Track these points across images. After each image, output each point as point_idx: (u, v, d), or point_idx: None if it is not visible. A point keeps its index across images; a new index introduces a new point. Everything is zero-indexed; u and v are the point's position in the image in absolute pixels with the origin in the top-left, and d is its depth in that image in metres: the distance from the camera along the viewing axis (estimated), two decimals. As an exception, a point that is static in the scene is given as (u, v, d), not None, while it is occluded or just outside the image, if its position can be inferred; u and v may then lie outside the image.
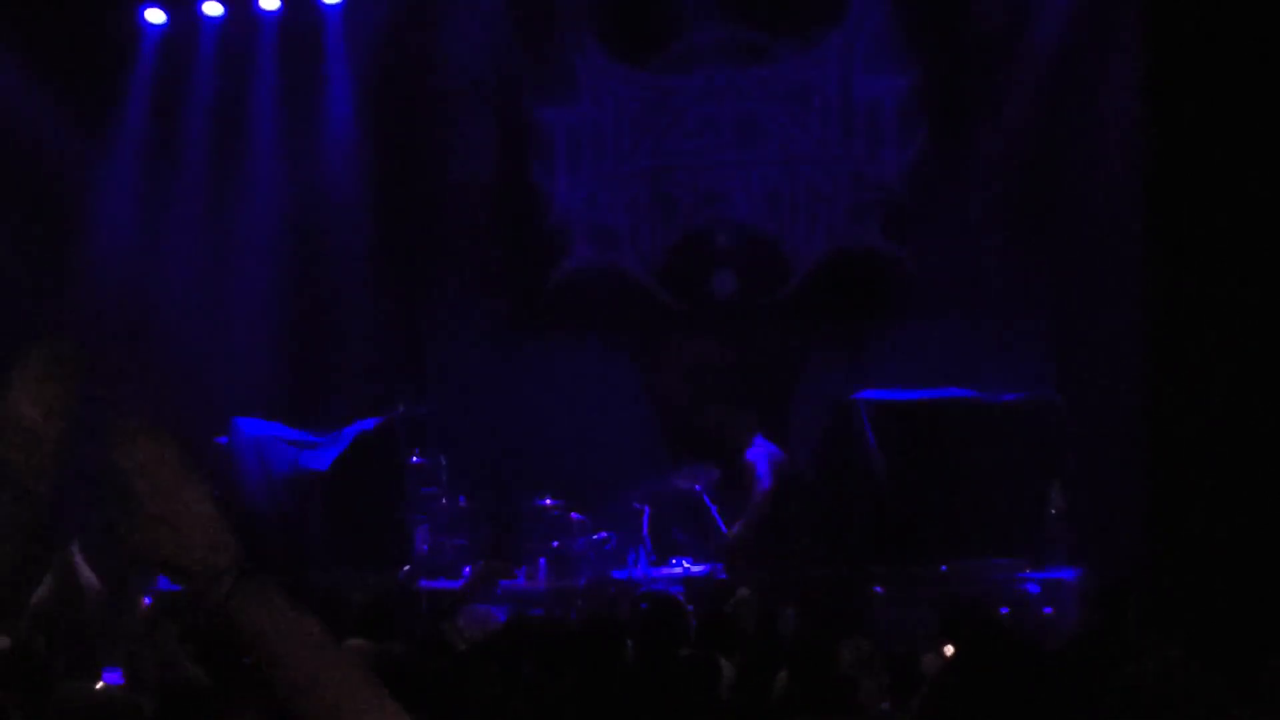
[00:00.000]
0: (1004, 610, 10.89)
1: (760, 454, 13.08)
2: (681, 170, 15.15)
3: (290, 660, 2.08)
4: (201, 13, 15.17)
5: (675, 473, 13.57)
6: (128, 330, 14.56)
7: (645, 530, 13.29)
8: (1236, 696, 5.15)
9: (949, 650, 6.83)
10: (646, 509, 13.35)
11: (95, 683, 5.70)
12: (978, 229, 13.87)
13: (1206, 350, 11.55)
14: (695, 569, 13.12)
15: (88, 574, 7.44)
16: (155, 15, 15.11)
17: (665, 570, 13.16)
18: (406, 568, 13.35)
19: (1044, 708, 5.47)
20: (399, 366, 15.00)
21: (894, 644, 8.65)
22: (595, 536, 13.17)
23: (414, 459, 13.84)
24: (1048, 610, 11.37)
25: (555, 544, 13.13)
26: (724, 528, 13.14)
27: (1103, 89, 13.21)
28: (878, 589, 11.77)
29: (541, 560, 13.07)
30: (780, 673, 6.73)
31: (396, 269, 15.41)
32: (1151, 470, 12.08)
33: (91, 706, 4.86)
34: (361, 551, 13.49)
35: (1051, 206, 13.63)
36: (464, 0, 15.05)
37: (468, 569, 13.20)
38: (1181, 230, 11.80)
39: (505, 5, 15.07)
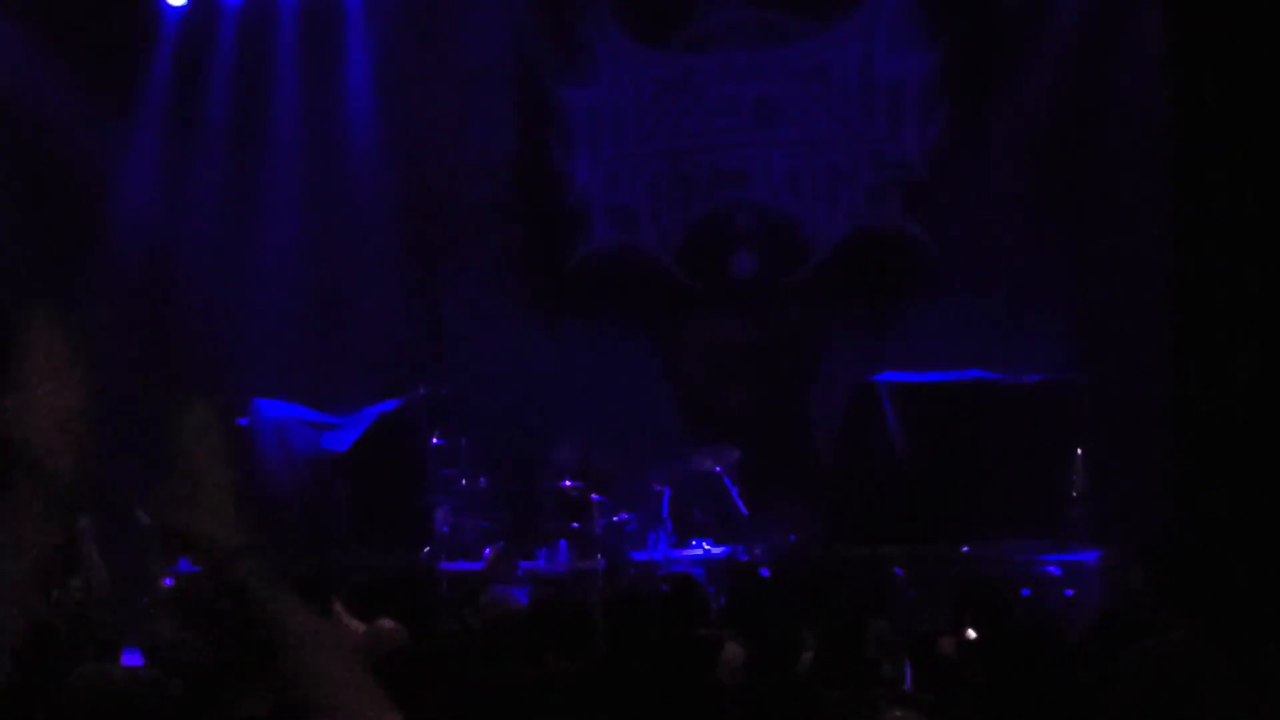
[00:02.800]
0: (1025, 592, 10.88)
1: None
2: (701, 150, 15.11)
3: (297, 642, 2.11)
4: (221, -7, 15.19)
5: (695, 453, 13.57)
6: (148, 312, 14.60)
7: (665, 511, 13.30)
8: (1244, 677, 5.13)
9: (971, 634, 6.81)
10: (667, 490, 13.35)
11: (115, 664, 5.71)
12: (999, 209, 13.82)
13: (1229, 330, 11.47)
14: (715, 550, 13.11)
15: (97, 557, 7.45)
16: (175, -3, 15.12)
17: (685, 551, 13.16)
18: (427, 549, 13.38)
19: (1060, 690, 5.45)
20: (419, 348, 15.01)
21: (915, 626, 8.65)
22: (616, 518, 13.16)
23: (434, 440, 13.87)
24: (1069, 592, 11.35)
25: (575, 525, 13.14)
26: (744, 509, 13.15)
27: (1125, 66, 13.12)
28: (898, 571, 11.75)
29: (562, 542, 13.08)
30: (804, 654, 6.72)
31: (416, 250, 15.41)
32: (1173, 452, 12.02)
33: (119, 688, 4.86)
34: (382, 532, 13.53)
35: (1073, 185, 13.56)
36: (483, -20, 15.05)
37: (488, 550, 13.22)
38: (1205, 208, 11.71)
39: (524, -15, 15.07)
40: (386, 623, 6.64)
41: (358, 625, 7.57)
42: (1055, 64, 13.58)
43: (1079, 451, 12.40)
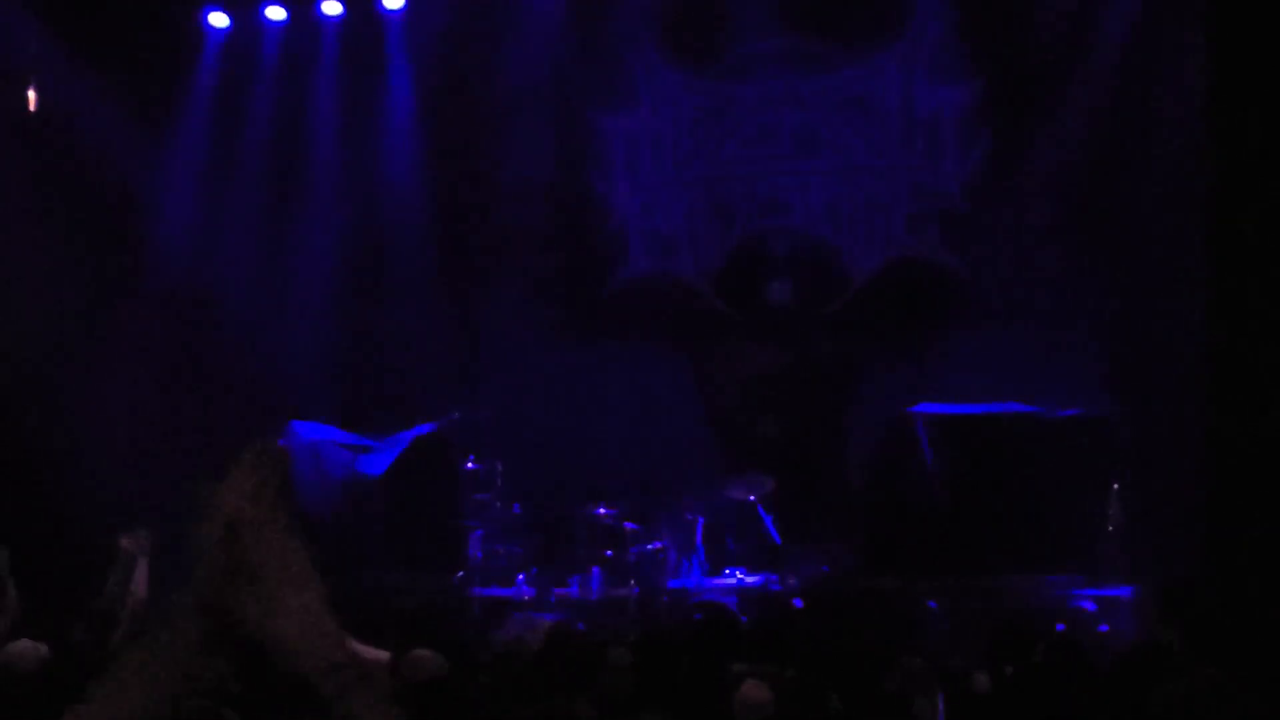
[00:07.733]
0: (1060, 627, 10.80)
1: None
2: (739, 178, 15.12)
3: None
4: (264, 17, 15.26)
5: (730, 482, 13.54)
6: (186, 333, 14.68)
7: (699, 540, 13.27)
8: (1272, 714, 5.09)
9: (1007, 669, 6.77)
10: (700, 518, 13.32)
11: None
12: (1037, 240, 13.79)
13: (1266, 363, 11.39)
14: (749, 579, 13.08)
15: (143, 581, 7.45)
16: (218, 19, 15.20)
17: (719, 580, 13.13)
18: (460, 574, 13.38)
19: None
20: (455, 372, 15.02)
21: (948, 660, 8.60)
22: (649, 546, 13.13)
23: (469, 465, 13.87)
24: (1104, 627, 11.27)
25: (609, 553, 13.10)
26: (778, 539, 13.12)
27: (1164, 99, 13.09)
28: (932, 604, 11.69)
29: (595, 569, 13.04)
30: (832, 690, 6.67)
31: (454, 275, 15.43)
32: (1210, 486, 11.93)
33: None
34: (416, 557, 13.53)
35: (1111, 218, 13.52)
36: (524, 6, 15.07)
37: (521, 576, 13.22)
38: (1243, 242, 11.64)
39: (565, 12, 15.08)
40: (424, 652, 6.61)
41: (379, 654, 7.54)
42: (1094, 96, 13.55)
43: (1115, 485, 12.34)
